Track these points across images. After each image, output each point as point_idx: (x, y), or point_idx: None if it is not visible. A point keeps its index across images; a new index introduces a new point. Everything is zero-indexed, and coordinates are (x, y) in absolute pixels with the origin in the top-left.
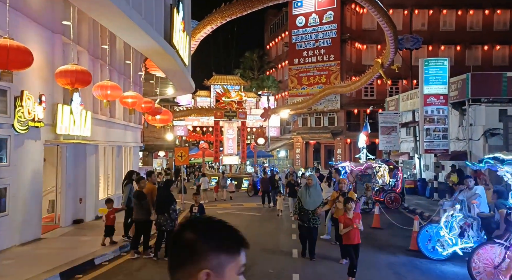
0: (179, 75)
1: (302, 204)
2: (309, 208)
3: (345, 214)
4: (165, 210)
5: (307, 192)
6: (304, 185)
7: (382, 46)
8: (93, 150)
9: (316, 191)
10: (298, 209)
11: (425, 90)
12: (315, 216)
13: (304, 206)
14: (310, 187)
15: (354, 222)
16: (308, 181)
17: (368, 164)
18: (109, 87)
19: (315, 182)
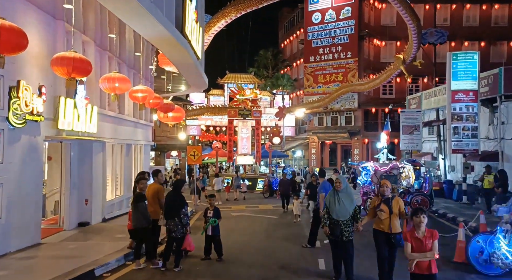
0: (192, 69)
1: (331, 214)
2: (340, 218)
3: (411, 231)
4: (175, 214)
5: (335, 198)
6: (332, 190)
7: (401, 43)
8: (100, 148)
9: (347, 196)
10: (326, 219)
11: (453, 86)
12: (348, 227)
13: (333, 216)
14: (339, 192)
15: (428, 246)
16: (336, 184)
17: (393, 164)
18: (117, 79)
19: (345, 185)
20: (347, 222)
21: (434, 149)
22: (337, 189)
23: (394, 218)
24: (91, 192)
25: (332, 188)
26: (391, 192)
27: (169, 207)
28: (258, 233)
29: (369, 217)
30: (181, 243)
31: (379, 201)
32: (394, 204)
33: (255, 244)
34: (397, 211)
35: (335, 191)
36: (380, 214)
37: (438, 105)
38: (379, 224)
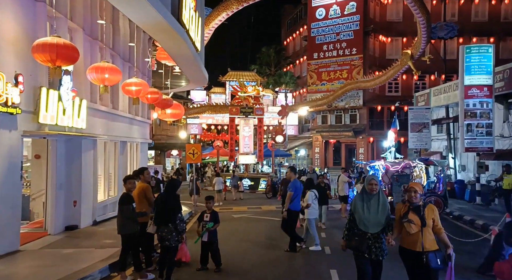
0: (190, 62)
1: (357, 223)
2: (368, 230)
3: None
4: (169, 219)
5: (365, 204)
6: (360, 192)
7: (408, 39)
8: (90, 145)
9: (381, 202)
10: (349, 230)
11: (466, 81)
12: (378, 242)
13: (360, 227)
14: (371, 196)
15: None
16: (368, 185)
17: (406, 162)
18: (107, 69)
19: (379, 187)
20: (377, 236)
21: (444, 148)
22: (369, 192)
23: (427, 232)
24: (80, 192)
25: (361, 190)
26: (404, 193)
27: (161, 211)
28: (261, 238)
29: (396, 231)
30: (175, 253)
31: (406, 209)
32: (428, 213)
33: (257, 251)
34: (431, 223)
35: (366, 194)
36: (409, 226)
37: (448, 102)
38: (406, 240)
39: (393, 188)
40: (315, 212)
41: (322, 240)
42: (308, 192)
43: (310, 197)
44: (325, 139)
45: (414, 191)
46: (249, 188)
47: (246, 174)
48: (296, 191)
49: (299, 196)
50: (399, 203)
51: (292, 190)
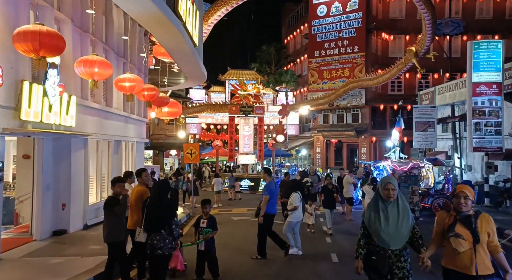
0: (188, 58)
1: (374, 238)
2: (390, 246)
3: None
4: (162, 225)
5: (382, 214)
6: (374, 200)
7: (411, 36)
8: (81, 144)
9: (401, 210)
10: (363, 247)
11: (474, 78)
12: (402, 261)
13: (379, 242)
14: (388, 204)
15: None
16: (384, 190)
17: (414, 162)
18: (97, 63)
19: (398, 191)
20: (399, 253)
21: (449, 147)
22: (386, 199)
23: (481, 250)
24: (69, 194)
25: (375, 195)
26: (412, 194)
27: (153, 216)
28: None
29: (434, 247)
30: (168, 261)
31: (451, 220)
32: (482, 226)
33: (259, 260)
34: (486, 238)
35: (382, 202)
36: (457, 243)
37: (454, 101)
38: (453, 260)
39: (401, 190)
40: (299, 215)
41: (327, 246)
42: (294, 193)
43: (296, 198)
44: (327, 139)
45: (465, 196)
46: (249, 188)
47: (246, 174)
48: (271, 194)
49: (275, 198)
50: (442, 212)
51: (267, 193)
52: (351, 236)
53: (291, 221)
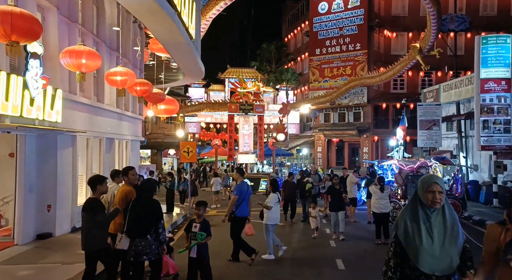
0: (184, 51)
1: (413, 260)
2: (434, 272)
3: None
4: (148, 229)
5: (423, 228)
6: (414, 203)
7: (413, 34)
8: (68, 142)
9: (449, 223)
10: (394, 271)
11: (482, 74)
12: None
13: (420, 266)
14: (431, 213)
15: None
16: (427, 194)
17: (422, 161)
18: (84, 53)
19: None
20: None
21: (454, 147)
22: (430, 205)
23: None
24: (55, 195)
25: (412, 201)
26: None
27: (137, 220)
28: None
29: (484, 271)
30: (160, 268)
31: (510, 237)
32: None
33: (259, 267)
34: None
35: (423, 209)
36: None
37: (459, 98)
38: None
39: (408, 190)
40: (275, 217)
41: (332, 251)
42: (272, 193)
43: (273, 199)
44: (328, 138)
45: None
46: None
47: (245, 174)
48: (241, 194)
49: (247, 200)
50: (494, 225)
51: (236, 193)
52: (357, 239)
53: (267, 224)
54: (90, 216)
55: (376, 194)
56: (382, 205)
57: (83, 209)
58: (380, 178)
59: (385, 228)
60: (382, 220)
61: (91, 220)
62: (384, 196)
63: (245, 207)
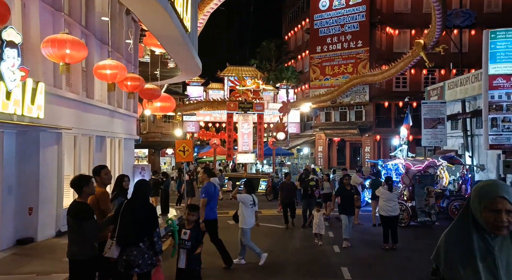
0: (179, 44)
1: None
2: None
3: None
4: (140, 238)
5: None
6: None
7: (416, 31)
8: (52, 139)
9: None
10: None
11: (491, 70)
12: None
13: None
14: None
15: None
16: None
17: (430, 161)
18: (68, 43)
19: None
20: None
21: (459, 146)
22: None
23: None
24: (37, 197)
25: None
26: (427, 196)
27: (129, 225)
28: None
29: None
30: None
31: None
32: None
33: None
34: None
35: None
36: None
37: (465, 96)
38: None
39: (415, 191)
40: (250, 221)
41: (336, 257)
42: (246, 194)
43: (247, 199)
44: (329, 137)
45: None
46: None
47: (244, 173)
48: (209, 196)
49: (215, 202)
50: None
51: (205, 195)
52: (362, 244)
53: (244, 228)
54: (77, 223)
55: (384, 196)
56: (390, 207)
57: (68, 212)
58: (388, 178)
59: (394, 232)
60: (391, 223)
61: (77, 227)
62: (393, 197)
63: (213, 209)
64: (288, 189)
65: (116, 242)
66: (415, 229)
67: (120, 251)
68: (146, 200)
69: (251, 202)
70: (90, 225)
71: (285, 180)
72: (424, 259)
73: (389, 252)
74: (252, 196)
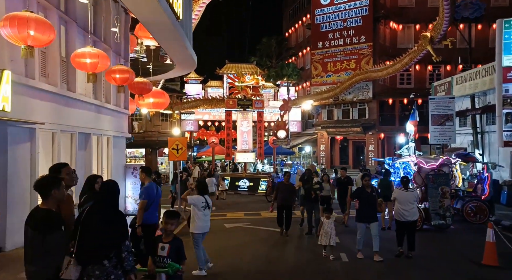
0: (169, 33)
1: None
2: None
3: None
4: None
5: None
6: None
7: (421, 26)
8: (25, 136)
9: None
10: None
11: (505, 61)
12: None
13: None
14: None
15: None
16: None
17: (444, 158)
18: (31, 22)
19: None
20: None
21: (469, 143)
22: None
23: None
24: (5, 200)
25: None
26: (442, 197)
27: (91, 238)
28: (259, 262)
29: None
30: None
31: None
32: None
33: None
34: None
35: None
36: None
37: (475, 91)
38: None
39: (429, 191)
40: (204, 226)
41: (343, 267)
42: (198, 196)
43: (198, 201)
44: (331, 136)
45: None
46: (247, 189)
47: (244, 173)
48: (150, 198)
49: (156, 204)
50: None
51: (144, 197)
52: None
53: (195, 233)
54: (39, 236)
55: (399, 197)
56: (407, 211)
57: (28, 222)
58: (403, 177)
59: (411, 238)
60: (407, 229)
61: (39, 242)
62: (410, 198)
63: (154, 212)
64: (286, 190)
65: (75, 260)
66: (428, 233)
67: (81, 271)
68: (115, 206)
69: (203, 204)
70: (57, 238)
71: (283, 180)
72: (446, 270)
73: (404, 261)
74: (205, 198)
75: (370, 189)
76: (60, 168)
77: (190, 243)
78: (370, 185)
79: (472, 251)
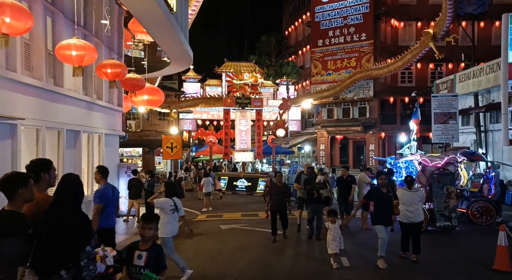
0: (162, 26)
1: None
2: None
3: None
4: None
5: None
6: None
7: (422, 23)
8: (5, 132)
9: None
10: None
11: (511, 57)
12: None
13: None
14: None
15: None
16: None
17: (450, 156)
18: (6, 7)
19: None
20: None
21: (472, 142)
22: None
23: None
24: None
25: None
26: (448, 197)
27: (47, 247)
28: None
29: None
30: None
31: None
32: None
33: None
34: None
35: None
36: None
37: (479, 88)
38: None
39: (433, 191)
40: (172, 229)
41: (345, 274)
42: (165, 198)
43: (165, 205)
44: (331, 135)
45: None
46: (245, 189)
47: (242, 173)
48: (107, 201)
49: (113, 207)
50: None
51: (99, 200)
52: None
53: (165, 238)
54: None
55: (403, 198)
56: (411, 212)
57: None
58: (407, 176)
59: (416, 240)
60: (412, 231)
61: None
62: (414, 199)
63: (111, 215)
64: (279, 193)
65: (31, 270)
66: (433, 235)
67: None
68: (76, 206)
69: (172, 207)
70: (13, 244)
71: (275, 182)
72: (455, 276)
73: (409, 265)
74: (173, 200)
75: (386, 189)
76: (50, 164)
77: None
78: (386, 185)
79: (481, 254)
